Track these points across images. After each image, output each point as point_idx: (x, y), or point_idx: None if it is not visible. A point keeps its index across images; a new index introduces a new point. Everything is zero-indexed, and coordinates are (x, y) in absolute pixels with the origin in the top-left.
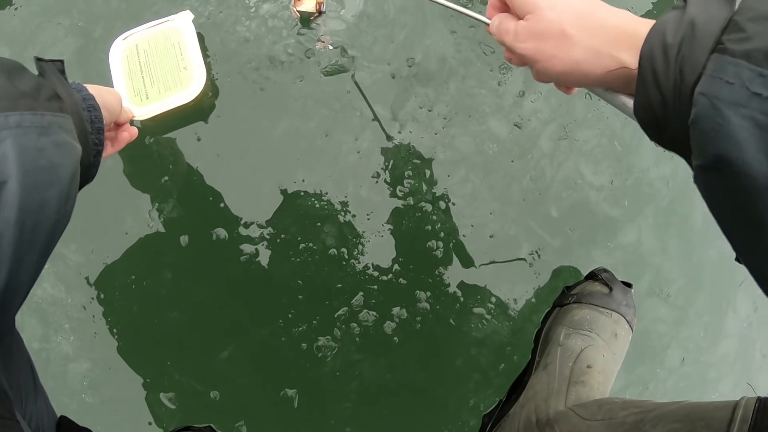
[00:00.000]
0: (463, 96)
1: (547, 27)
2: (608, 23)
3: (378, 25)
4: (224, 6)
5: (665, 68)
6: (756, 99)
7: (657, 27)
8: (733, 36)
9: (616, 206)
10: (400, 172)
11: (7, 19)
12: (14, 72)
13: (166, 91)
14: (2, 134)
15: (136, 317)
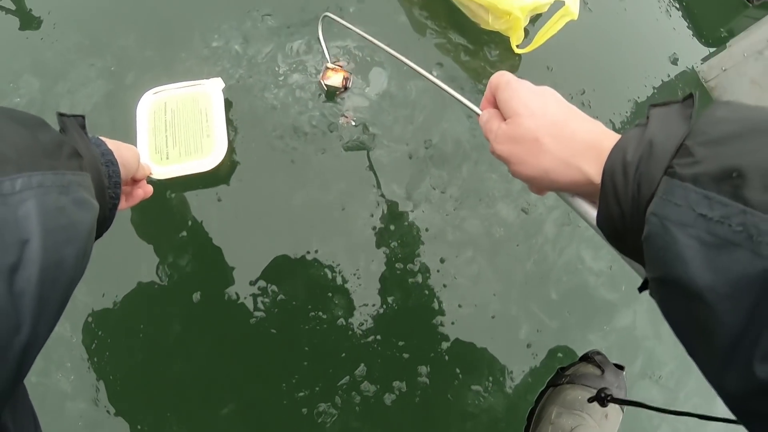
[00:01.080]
0: (474, 180)
1: (524, 133)
2: (578, 136)
3: (399, 105)
4: (255, 71)
5: (624, 184)
6: (701, 219)
7: (620, 144)
8: (683, 160)
9: (614, 291)
10: (411, 249)
11: (42, 50)
12: (37, 129)
13: (186, 155)
14: (25, 194)
15: (140, 364)
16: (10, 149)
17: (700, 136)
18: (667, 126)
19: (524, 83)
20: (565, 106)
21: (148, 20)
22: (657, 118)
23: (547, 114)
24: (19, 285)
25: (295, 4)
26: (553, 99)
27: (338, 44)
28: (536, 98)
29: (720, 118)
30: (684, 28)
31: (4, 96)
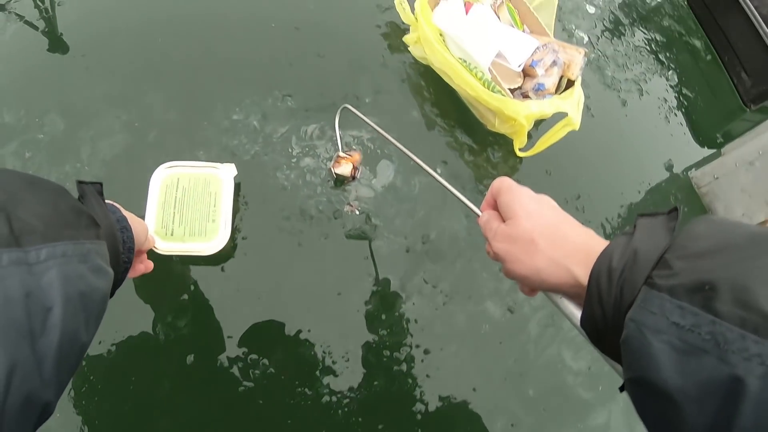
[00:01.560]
0: (466, 277)
1: (520, 234)
2: (570, 238)
3: (403, 199)
4: (270, 150)
5: (608, 288)
6: (674, 327)
7: (607, 250)
8: (661, 272)
9: (591, 390)
10: (399, 339)
11: (70, 94)
12: (58, 198)
13: (190, 236)
14: (50, 264)
15: (126, 415)
16: (35, 220)
17: (679, 250)
18: (652, 236)
19: (525, 189)
20: (560, 212)
21: (176, 84)
22: (643, 227)
23: (543, 217)
24: (42, 349)
25: (315, 89)
26: (549, 205)
27: (352, 133)
28: (534, 203)
29: (699, 233)
30: (681, 134)
31: (28, 130)
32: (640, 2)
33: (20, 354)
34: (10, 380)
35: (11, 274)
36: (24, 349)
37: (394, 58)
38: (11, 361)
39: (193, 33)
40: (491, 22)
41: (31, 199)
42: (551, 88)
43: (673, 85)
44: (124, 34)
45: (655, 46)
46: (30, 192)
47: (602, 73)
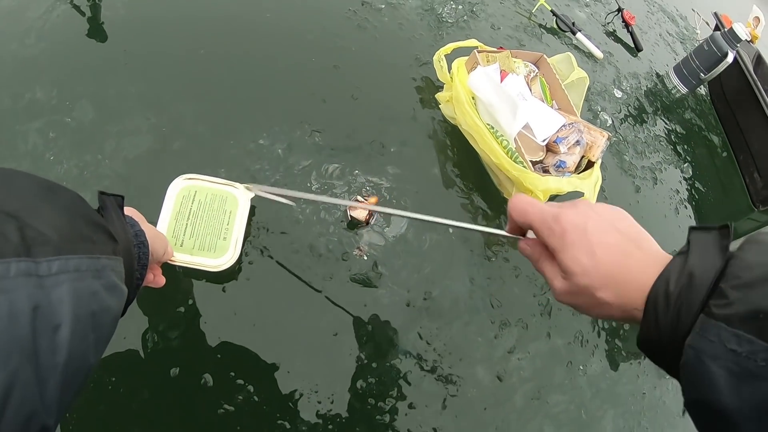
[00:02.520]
0: (461, 339)
1: (582, 291)
2: (631, 286)
3: (411, 252)
4: (289, 180)
5: (665, 314)
6: (731, 353)
7: (664, 275)
8: (717, 301)
9: None
10: (385, 389)
11: (106, 85)
12: (75, 209)
13: (199, 250)
14: (61, 278)
15: (100, 416)
16: (49, 230)
17: (733, 279)
18: (706, 257)
19: (562, 224)
20: (614, 249)
21: (210, 98)
22: (697, 246)
23: (599, 267)
24: (46, 372)
25: (344, 129)
26: (600, 245)
27: (373, 179)
28: (585, 252)
29: (751, 262)
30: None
31: (57, 111)
32: (666, 92)
33: (21, 374)
34: (7, 402)
35: (19, 286)
36: (26, 369)
37: (424, 113)
38: (9, 381)
39: (235, 52)
40: (523, 94)
41: (46, 208)
42: (571, 167)
43: (687, 178)
44: (169, 39)
45: (674, 137)
46: (46, 200)
47: (621, 157)
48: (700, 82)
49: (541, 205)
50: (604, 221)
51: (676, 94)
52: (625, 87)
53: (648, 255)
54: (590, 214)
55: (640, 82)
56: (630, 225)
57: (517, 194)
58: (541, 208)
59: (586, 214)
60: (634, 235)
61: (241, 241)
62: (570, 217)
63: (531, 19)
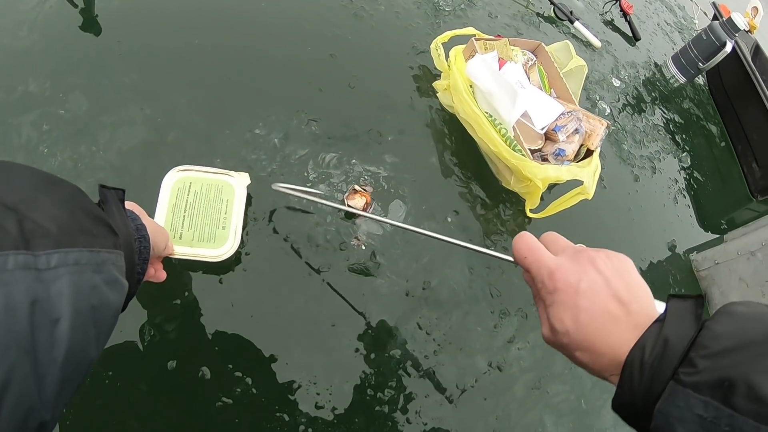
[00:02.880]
0: (460, 328)
1: (561, 348)
2: (604, 355)
3: (410, 242)
4: (287, 170)
5: (640, 380)
6: (698, 418)
7: (640, 342)
8: (686, 369)
9: None
10: (384, 380)
11: (99, 77)
12: (75, 202)
13: (199, 242)
14: (61, 271)
15: (97, 411)
16: (49, 223)
17: (702, 349)
18: (681, 325)
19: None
20: (600, 316)
21: (205, 87)
22: (674, 314)
23: (580, 332)
24: (44, 366)
25: (341, 118)
26: (587, 310)
27: (370, 169)
28: (570, 314)
29: (720, 332)
30: (687, 216)
31: (50, 103)
32: (664, 82)
33: (19, 369)
34: (3, 397)
35: (17, 279)
36: (23, 363)
37: (422, 102)
38: (6, 376)
39: (230, 42)
40: (522, 82)
41: (46, 201)
42: (570, 155)
43: (686, 167)
44: (163, 30)
45: (673, 127)
46: (46, 193)
47: (619, 146)
48: (698, 71)
49: (540, 253)
50: (600, 280)
51: (675, 84)
52: (624, 76)
53: (633, 319)
54: (588, 270)
55: (638, 72)
56: (627, 282)
57: (520, 234)
58: (538, 258)
59: (583, 270)
60: (626, 296)
61: (240, 230)
62: (565, 274)
63: (528, 7)
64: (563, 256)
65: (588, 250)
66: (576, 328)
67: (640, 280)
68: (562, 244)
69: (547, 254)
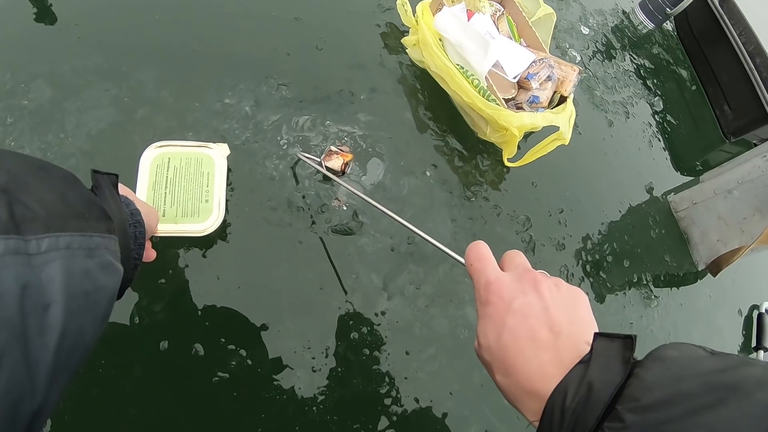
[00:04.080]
0: (449, 281)
1: (484, 363)
2: (521, 382)
3: (391, 198)
4: (260, 137)
5: (560, 425)
6: None
7: (562, 385)
8: (613, 424)
9: None
10: (378, 338)
11: (60, 62)
12: (68, 187)
13: (183, 217)
14: (51, 255)
15: (93, 400)
16: (39, 207)
17: (630, 402)
18: (607, 369)
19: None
20: (523, 341)
21: (170, 62)
22: (599, 355)
23: (500, 351)
24: (36, 352)
25: (311, 81)
26: (511, 331)
27: (345, 129)
28: (493, 330)
29: (650, 384)
30: (662, 158)
31: (12, 95)
32: (632, 28)
33: (9, 355)
34: None
35: (7, 265)
36: (14, 350)
37: (391, 59)
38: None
39: (191, 13)
40: (491, 33)
41: (37, 185)
42: (545, 102)
43: (658, 111)
44: (122, 8)
45: (643, 72)
46: (37, 177)
47: (592, 93)
48: (666, 17)
49: (485, 264)
50: (537, 304)
51: (643, 30)
52: (592, 24)
53: (559, 354)
54: (527, 291)
55: (606, 19)
56: (569, 315)
57: (475, 243)
58: (482, 268)
59: (522, 290)
60: (560, 328)
61: (224, 201)
62: (500, 288)
63: None
64: (511, 272)
65: (536, 273)
66: (497, 345)
67: (587, 317)
68: (516, 262)
69: (492, 266)
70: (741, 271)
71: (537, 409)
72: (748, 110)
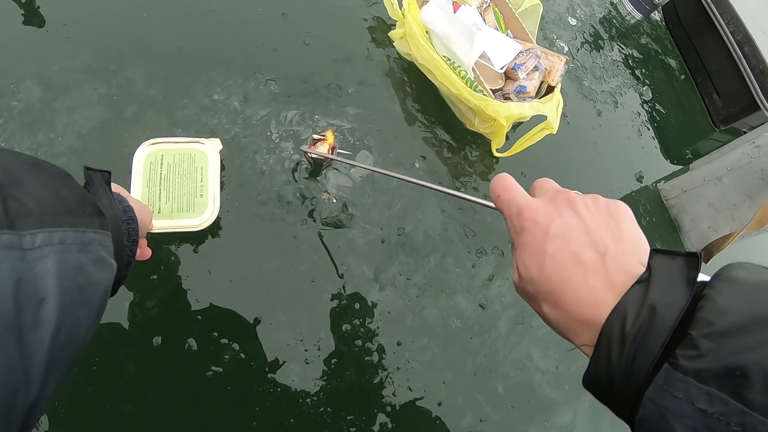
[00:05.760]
0: (439, 271)
1: (526, 297)
2: (572, 311)
3: (380, 190)
4: (249, 132)
5: (619, 355)
6: (700, 413)
7: (620, 308)
8: (686, 352)
9: (557, 390)
10: (370, 329)
11: (49, 63)
12: (61, 183)
13: (178, 213)
14: (46, 250)
15: (88, 398)
16: (33, 203)
17: (705, 326)
18: (670, 290)
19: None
20: (568, 267)
21: (158, 59)
22: (660, 275)
23: (544, 282)
24: (30, 346)
25: (298, 75)
26: (553, 257)
27: (333, 122)
28: (534, 260)
29: (724, 307)
30: (652, 147)
31: (2, 95)
32: (620, 19)
33: (4, 349)
34: None
35: (1, 259)
36: (9, 344)
37: (379, 52)
38: None
39: (178, 10)
40: (477, 25)
41: (31, 181)
42: (532, 92)
43: (647, 101)
44: (109, 7)
45: (631, 62)
46: (31, 174)
47: (580, 83)
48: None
49: (514, 192)
50: (576, 224)
51: (631, 21)
52: (579, 14)
53: (609, 277)
54: (564, 212)
55: (594, 10)
56: (613, 233)
57: (498, 175)
58: (510, 197)
59: (557, 212)
60: (606, 247)
61: (218, 195)
62: (534, 213)
63: None
64: (542, 197)
65: (570, 192)
66: (540, 276)
67: (634, 231)
68: (547, 187)
69: (521, 193)
70: (733, 256)
71: (590, 338)
72: (737, 98)
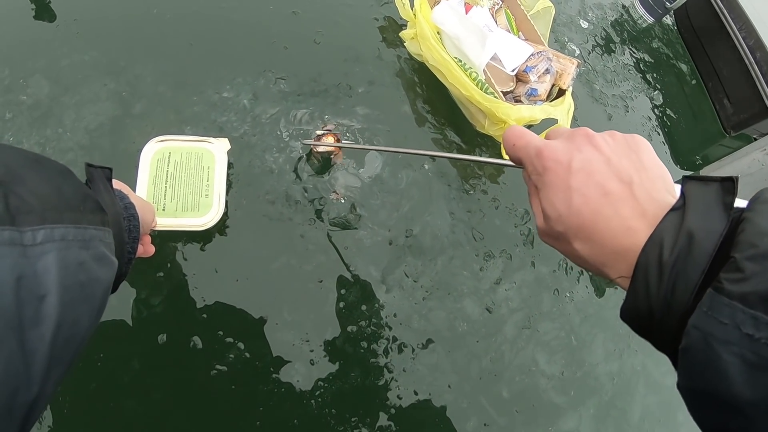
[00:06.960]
0: (447, 273)
1: (557, 236)
2: (607, 243)
3: (389, 191)
4: (259, 130)
5: (658, 284)
6: (747, 338)
7: (656, 237)
8: (731, 275)
9: (563, 395)
10: (376, 331)
11: (59, 58)
12: (62, 180)
13: (183, 211)
14: (47, 247)
15: (92, 394)
16: (34, 199)
17: (749, 249)
18: (707, 216)
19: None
20: (596, 199)
21: (168, 56)
22: (696, 201)
23: (573, 217)
24: (31, 343)
25: (309, 74)
26: (579, 191)
27: (343, 122)
28: (561, 197)
29: (767, 229)
30: (662, 152)
31: (11, 90)
32: (632, 23)
33: (5, 346)
34: None
35: (2, 255)
36: (10, 340)
37: (389, 52)
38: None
39: (189, 7)
40: (489, 26)
41: (33, 177)
42: (543, 95)
43: (658, 105)
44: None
45: (643, 66)
46: (33, 170)
47: (591, 86)
48: (666, 11)
49: (530, 137)
50: (597, 158)
51: (643, 24)
52: (591, 18)
53: (639, 206)
54: (583, 147)
55: (606, 13)
56: (634, 163)
57: (510, 127)
58: (527, 142)
59: (576, 148)
60: (629, 177)
61: (224, 196)
62: (554, 152)
63: None
64: (559, 138)
65: (586, 128)
66: (569, 212)
67: (654, 161)
68: (561, 131)
69: (537, 137)
70: None
71: (627, 269)
72: (748, 104)
